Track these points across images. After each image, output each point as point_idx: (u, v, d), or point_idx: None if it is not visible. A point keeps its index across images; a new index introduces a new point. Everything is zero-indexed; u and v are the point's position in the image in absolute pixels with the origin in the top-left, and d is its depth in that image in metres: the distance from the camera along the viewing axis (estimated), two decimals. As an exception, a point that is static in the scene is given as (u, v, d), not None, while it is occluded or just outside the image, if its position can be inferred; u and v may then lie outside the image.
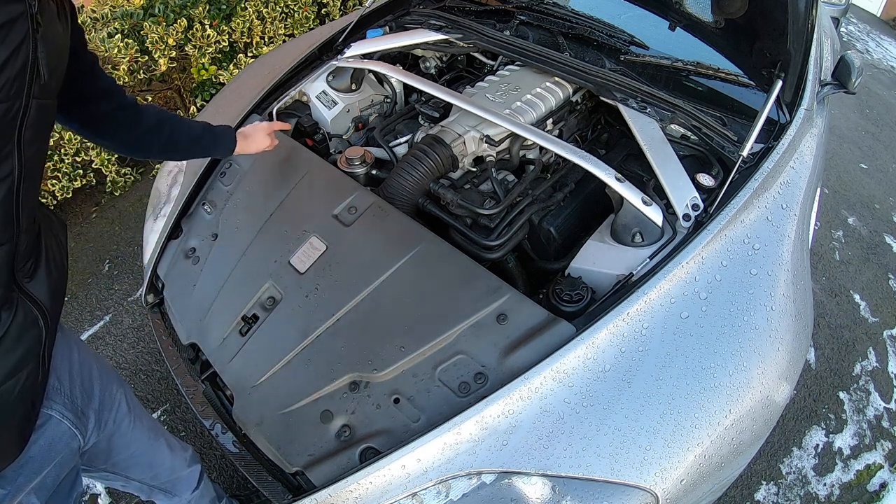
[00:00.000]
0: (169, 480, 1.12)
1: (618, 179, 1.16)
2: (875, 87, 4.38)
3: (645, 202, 1.12)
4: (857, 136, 3.66)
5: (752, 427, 0.97)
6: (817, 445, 1.83)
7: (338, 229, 1.21)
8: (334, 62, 1.65)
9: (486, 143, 1.40)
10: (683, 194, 1.15)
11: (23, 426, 0.72)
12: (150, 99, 2.71)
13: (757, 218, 1.13)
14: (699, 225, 1.10)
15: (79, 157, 2.26)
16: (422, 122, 1.60)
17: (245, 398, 1.08)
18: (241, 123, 1.48)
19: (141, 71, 2.47)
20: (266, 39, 2.75)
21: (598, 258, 1.12)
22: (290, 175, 1.34)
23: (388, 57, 1.72)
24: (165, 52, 2.44)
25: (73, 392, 0.84)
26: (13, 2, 0.57)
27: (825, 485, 1.74)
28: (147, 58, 2.48)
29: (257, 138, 1.24)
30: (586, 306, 1.03)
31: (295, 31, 2.85)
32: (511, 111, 1.41)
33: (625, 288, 1.02)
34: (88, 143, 2.26)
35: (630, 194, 1.13)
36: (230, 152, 1.19)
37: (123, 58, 2.35)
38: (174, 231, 1.37)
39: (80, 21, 2.49)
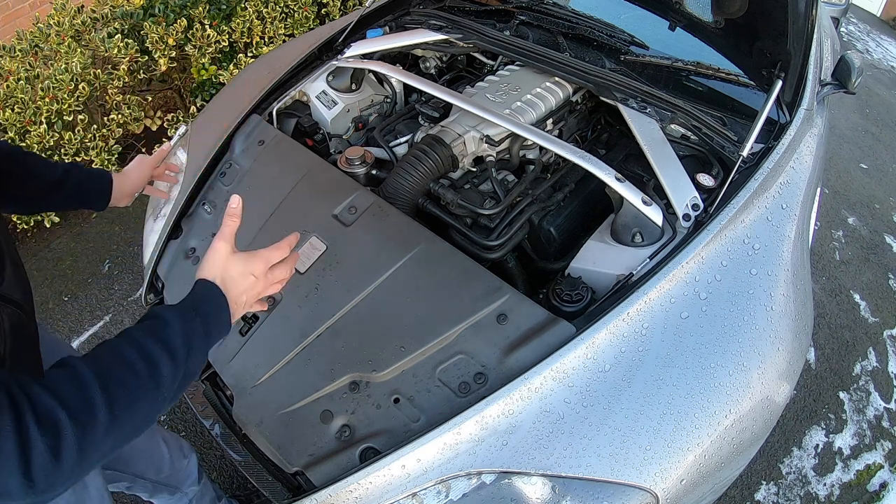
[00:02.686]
0: (171, 474, 1.12)
1: (618, 179, 1.16)
2: (875, 87, 4.38)
3: (645, 202, 1.12)
4: (857, 136, 3.65)
5: (752, 427, 0.97)
6: (817, 445, 1.83)
7: (338, 229, 1.21)
8: (334, 62, 1.65)
9: (486, 143, 1.40)
10: (683, 194, 1.15)
11: None
12: (151, 99, 2.71)
13: (757, 218, 1.13)
14: (699, 225, 1.10)
15: (79, 157, 2.26)
16: (422, 122, 1.60)
17: (245, 398, 1.08)
18: (240, 123, 1.49)
19: (141, 71, 2.47)
20: (266, 39, 2.75)
21: (598, 258, 1.12)
22: (290, 175, 1.34)
23: (388, 57, 1.72)
24: (165, 52, 2.44)
25: None
26: None
27: (825, 485, 1.74)
28: (147, 58, 2.48)
29: (133, 173, 1.04)
30: (586, 306, 1.03)
31: (295, 31, 2.85)
32: (511, 111, 1.41)
33: (625, 288, 1.02)
34: (88, 143, 2.26)
35: (630, 194, 1.13)
36: (105, 197, 0.98)
37: (123, 58, 2.35)
38: (174, 231, 1.37)
39: (80, 21, 2.49)
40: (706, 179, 1.20)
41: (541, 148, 1.48)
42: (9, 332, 0.66)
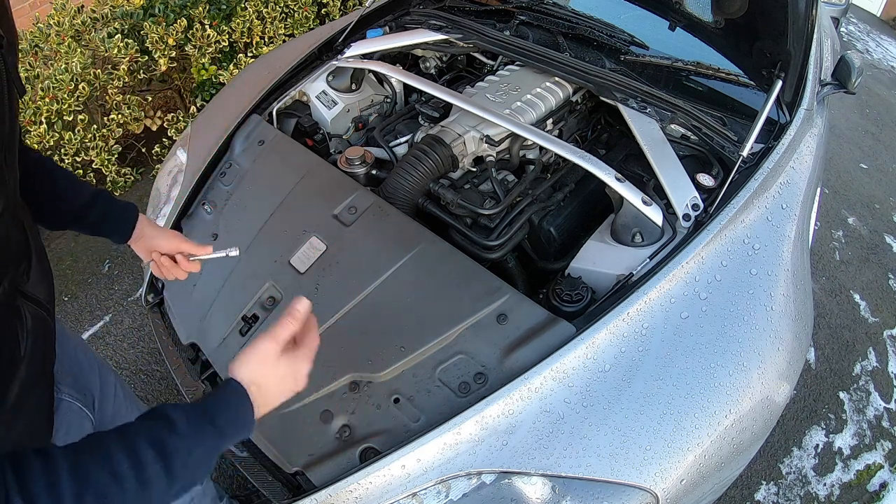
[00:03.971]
0: None
1: (618, 179, 1.16)
2: (875, 87, 4.38)
3: (645, 202, 1.12)
4: (857, 136, 3.65)
5: (752, 427, 0.97)
6: (817, 445, 1.83)
7: (338, 229, 1.21)
8: (334, 62, 1.65)
9: (486, 143, 1.40)
10: (683, 194, 1.15)
11: (49, 412, 0.74)
12: (151, 99, 2.71)
13: (757, 218, 1.13)
14: (699, 225, 1.10)
15: (79, 157, 2.26)
16: (422, 122, 1.60)
17: (245, 398, 1.08)
18: (240, 123, 1.49)
19: (141, 71, 2.47)
20: (266, 39, 2.75)
21: (598, 258, 1.12)
22: (290, 175, 1.34)
23: (388, 57, 1.72)
24: (165, 52, 2.44)
25: (76, 375, 0.86)
26: None
27: (825, 485, 1.74)
28: (147, 58, 2.48)
29: (161, 236, 0.89)
30: (586, 306, 1.03)
31: (295, 31, 2.85)
32: (511, 111, 1.41)
33: (625, 288, 1.02)
34: (89, 143, 2.26)
35: (630, 194, 1.13)
36: (127, 230, 0.89)
37: (123, 58, 2.35)
38: (174, 231, 1.37)
39: (80, 21, 2.50)
40: (706, 179, 1.20)
41: (541, 148, 1.48)
42: (31, 330, 0.66)
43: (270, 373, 0.63)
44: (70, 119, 2.23)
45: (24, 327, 0.65)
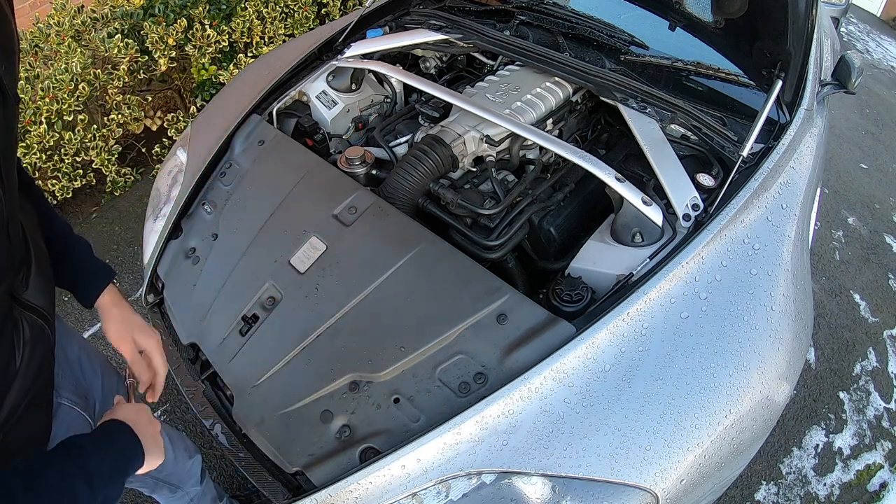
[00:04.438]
0: (173, 472, 1.12)
1: (618, 179, 1.16)
2: (875, 87, 4.38)
3: (645, 202, 1.12)
4: (857, 136, 3.65)
5: (752, 427, 0.97)
6: (817, 445, 1.83)
7: (338, 229, 1.21)
8: (334, 62, 1.65)
9: (486, 143, 1.40)
10: (683, 194, 1.15)
11: (47, 418, 0.74)
12: (151, 99, 2.71)
13: (757, 218, 1.13)
14: (699, 225, 1.10)
15: (79, 157, 2.27)
16: (422, 122, 1.60)
17: (245, 398, 1.08)
18: (240, 123, 1.49)
19: (141, 71, 2.47)
20: (266, 39, 2.75)
21: (598, 258, 1.12)
22: (290, 175, 1.34)
23: (388, 57, 1.72)
24: (165, 52, 2.44)
25: (77, 379, 0.86)
26: None
27: (825, 485, 1.74)
28: (147, 58, 2.48)
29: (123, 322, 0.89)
30: (586, 306, 1.03)
31: (295, 31, 2.85)
32: (511, 111, 1.41)
33: (625, 288, 1.02)
34: (88, 143, 2.26)
35: (630, 194, 1.13)
36: (95, 291, 0.91)
37: (123, 58, 2.35)
38: (174, 231, 1.37)
39: (80, 21, 2.50)
40: (706, 179, 1.20)
41: (541, 148, 1.48)
42: (28, 340, 0.65)
43: (132, 410, 0.75)
44: (70, 119, 2.23)
45: (20, 338, 0.64)
